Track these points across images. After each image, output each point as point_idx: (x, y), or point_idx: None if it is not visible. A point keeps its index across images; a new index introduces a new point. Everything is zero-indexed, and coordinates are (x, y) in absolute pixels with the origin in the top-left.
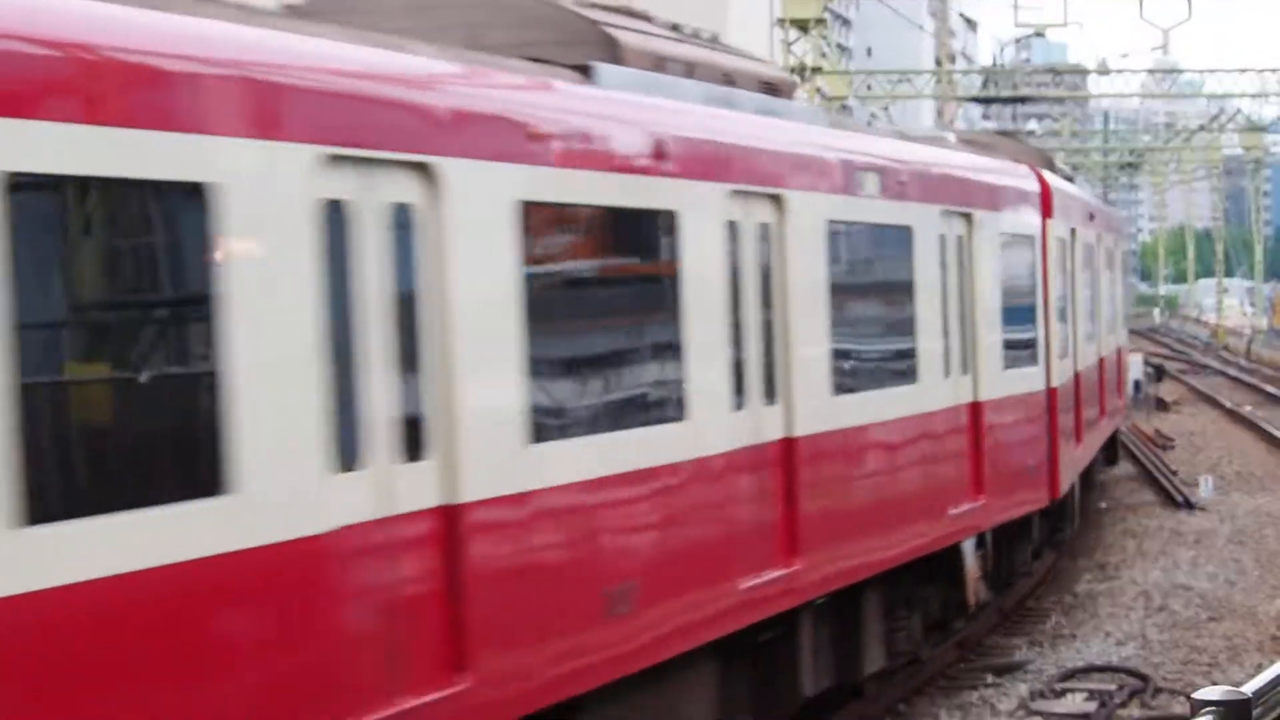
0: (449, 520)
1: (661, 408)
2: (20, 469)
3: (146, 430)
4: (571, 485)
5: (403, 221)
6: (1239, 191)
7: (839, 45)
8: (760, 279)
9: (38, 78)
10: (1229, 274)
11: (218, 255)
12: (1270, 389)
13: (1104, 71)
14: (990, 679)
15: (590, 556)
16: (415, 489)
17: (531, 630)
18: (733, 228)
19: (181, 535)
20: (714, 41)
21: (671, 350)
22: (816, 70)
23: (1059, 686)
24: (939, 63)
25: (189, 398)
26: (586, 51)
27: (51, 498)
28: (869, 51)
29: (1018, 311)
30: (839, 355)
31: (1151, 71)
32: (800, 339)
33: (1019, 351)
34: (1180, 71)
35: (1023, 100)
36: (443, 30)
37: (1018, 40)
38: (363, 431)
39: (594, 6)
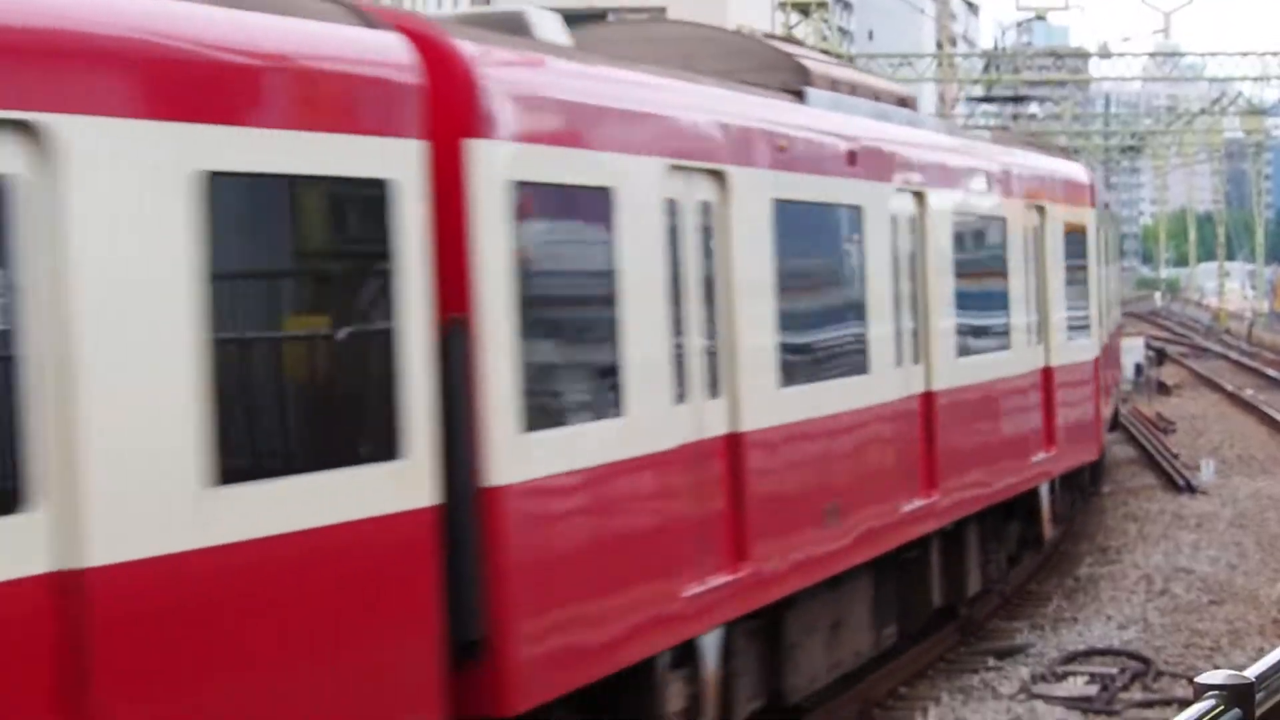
0: (734, 444)
1: (860, 360)
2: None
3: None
4: (805, 422)
5: (706, 215)
6: (1240, 174)
7: (840, 29)
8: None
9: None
10: (1230, 257)
11: (617, 239)
12: (1271, 372)
13: (1105, 55)
14: (991, 662)
15: (818, 478)
16: (715, 419)
17: (782, 532)
18: (896, 219)
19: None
20: (854, 64)
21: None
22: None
23: (1060, 670)
24: (940, 46)
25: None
26: (785, 78)
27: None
28: (870, 35)
29: (1073, 289)
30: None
31: (1153, 55)
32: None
33: (1075, 325)
34: (1182, 55)
35: (1018, 99)
36: (663, 59)
37: (1019, 23)
38: (687, 375)
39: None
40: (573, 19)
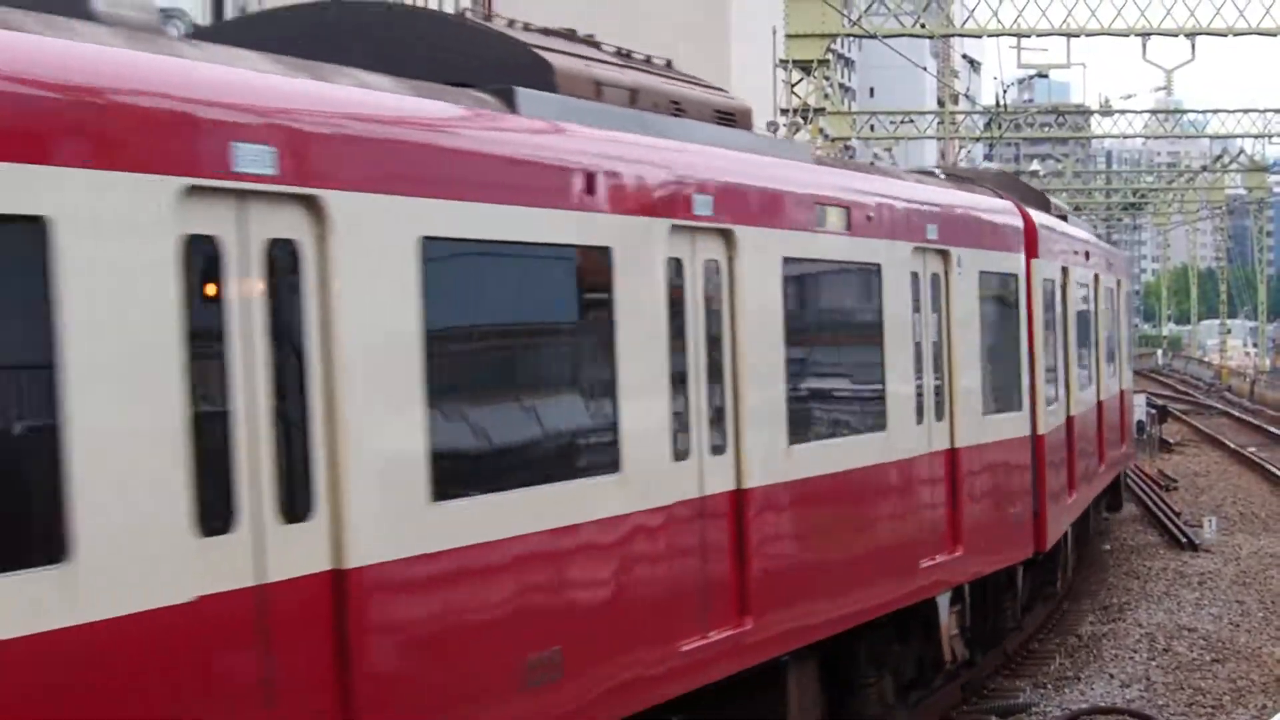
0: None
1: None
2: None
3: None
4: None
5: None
6: (1242, 231)
7: (842, 85)
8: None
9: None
10: (1232, 314)
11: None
12: (1274, 430)
13: (1107, 112)
14: None
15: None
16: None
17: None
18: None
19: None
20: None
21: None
22: (819, 111)
23: None
24: (941, 103)
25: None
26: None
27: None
28: (871, 92)
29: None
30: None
31: (1154, 112)
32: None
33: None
34: (1183, 112)
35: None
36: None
37: (1020, 81)
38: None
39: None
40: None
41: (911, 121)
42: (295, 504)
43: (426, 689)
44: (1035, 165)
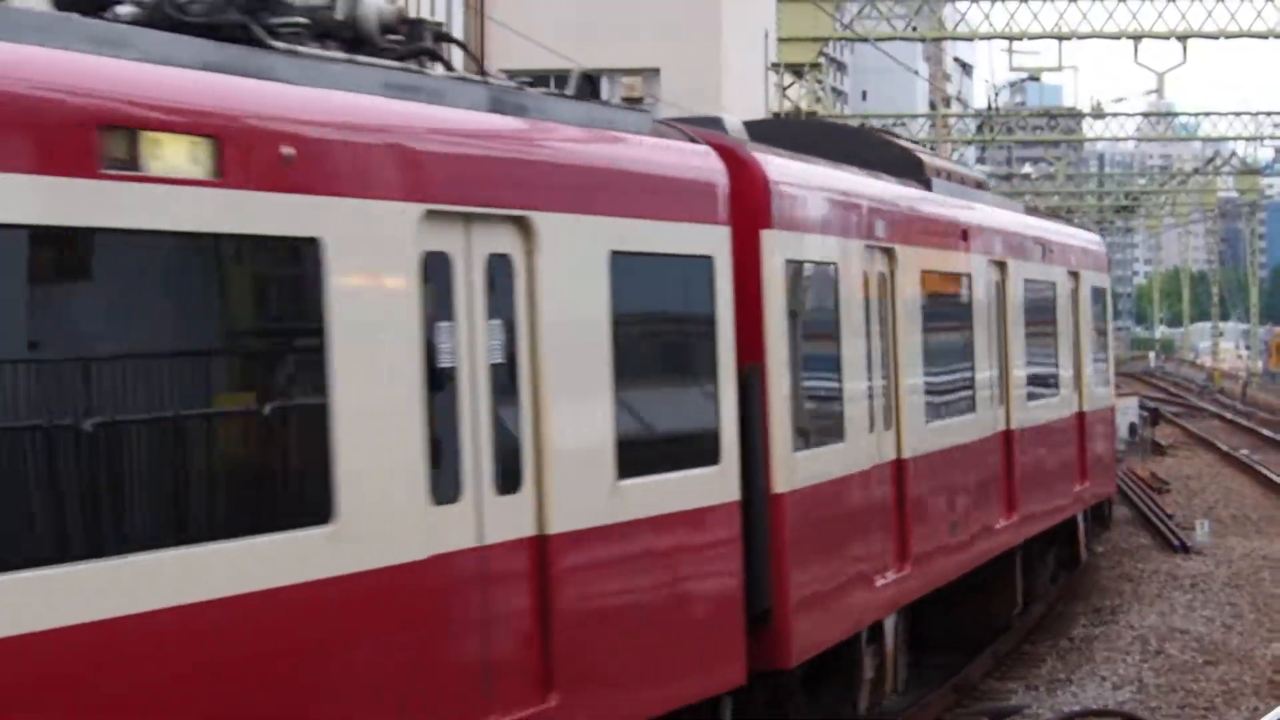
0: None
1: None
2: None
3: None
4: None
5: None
6: (1234, 234)
7: (834, 89)
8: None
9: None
10: (1225, 317)
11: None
12: (1266, 432)
13: (1099, 115)
14: None
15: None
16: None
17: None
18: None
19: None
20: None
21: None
22: (812, 114)
23: None
24: (934, 106)
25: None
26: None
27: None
28: (864, 95)
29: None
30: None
31: (1146, 115)
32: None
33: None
34: (1175, 115)
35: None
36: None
37: (1013, 84)
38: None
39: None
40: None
41: (904, 125)
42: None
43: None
44: (1027, 168)
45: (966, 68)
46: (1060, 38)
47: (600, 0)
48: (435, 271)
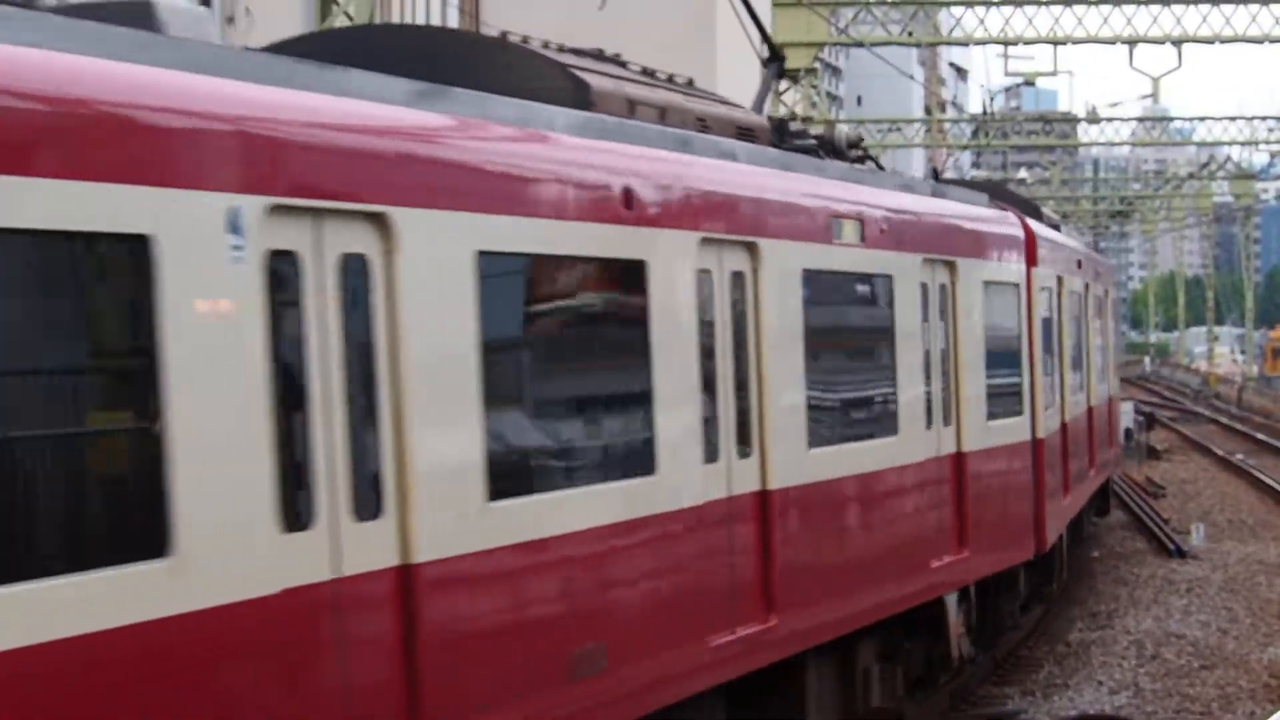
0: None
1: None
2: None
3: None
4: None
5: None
6: (1229, 238)
7: (829, 94)
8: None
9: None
10: (1220, 321)
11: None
12: (1261, 436)
13: (1094, 119)
14: None
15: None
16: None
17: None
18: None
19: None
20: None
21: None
22: (807, 119)
23: None
24: (929, 111)
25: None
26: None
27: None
28: (859, 100)
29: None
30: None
31: (1141, 119)
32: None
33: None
34: (1170, 119)
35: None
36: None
37: (1008, 89)
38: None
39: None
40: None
41: (899, 130)
42: None
43: None
44: (1023, 173)
45: (962, 73)
46: (1055, 42)
47: (593, 5)
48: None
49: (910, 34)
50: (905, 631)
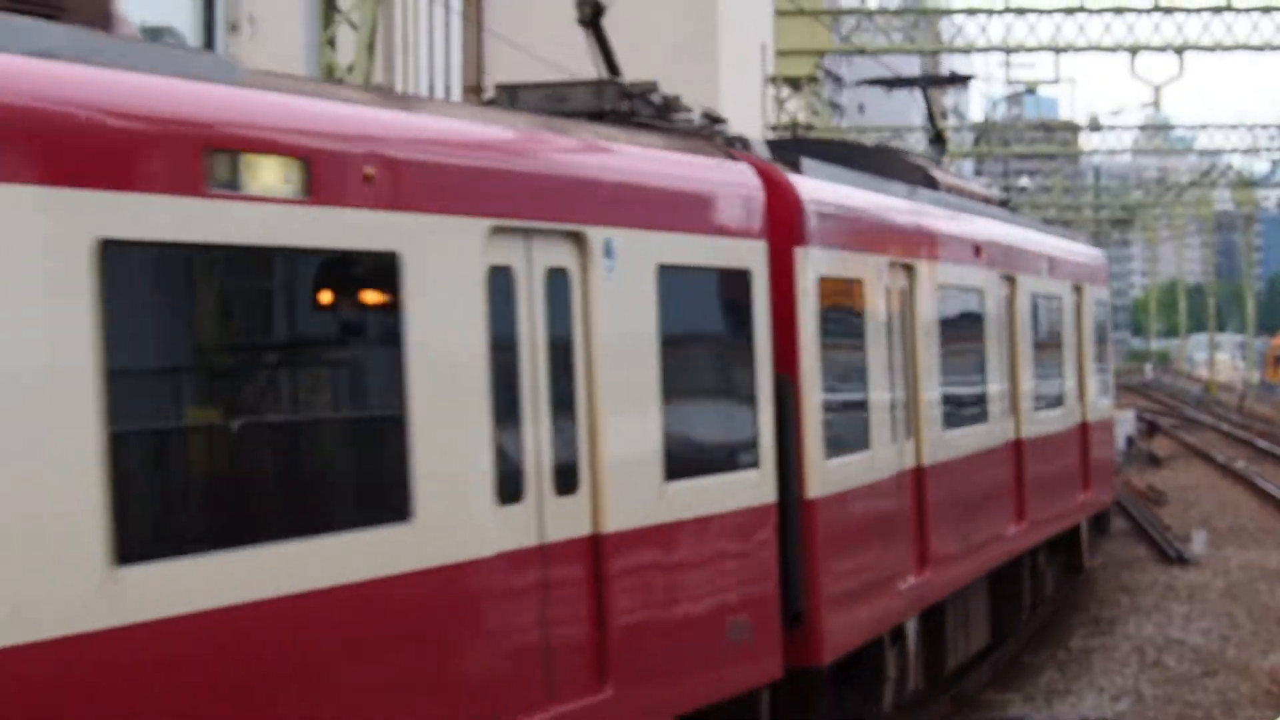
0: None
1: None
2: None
3: None
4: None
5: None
6: (1230, 246)
7: (831, 102)
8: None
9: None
10: (1221, 328)
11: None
12: (1263, 444)
13: (1095, 127)
14: None
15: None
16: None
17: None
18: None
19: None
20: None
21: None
22: (809, 127)
23: None
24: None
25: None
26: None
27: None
28: (860, 108)
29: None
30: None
31: (1143, 127)
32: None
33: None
34: (1172, 127)
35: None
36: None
37: (1009, 97)
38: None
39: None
40: None
41: (901, 138)
42: None
43: None
44: (1024, 180)
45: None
46: (1057, 50)
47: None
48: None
49: (912, 41)
50: None
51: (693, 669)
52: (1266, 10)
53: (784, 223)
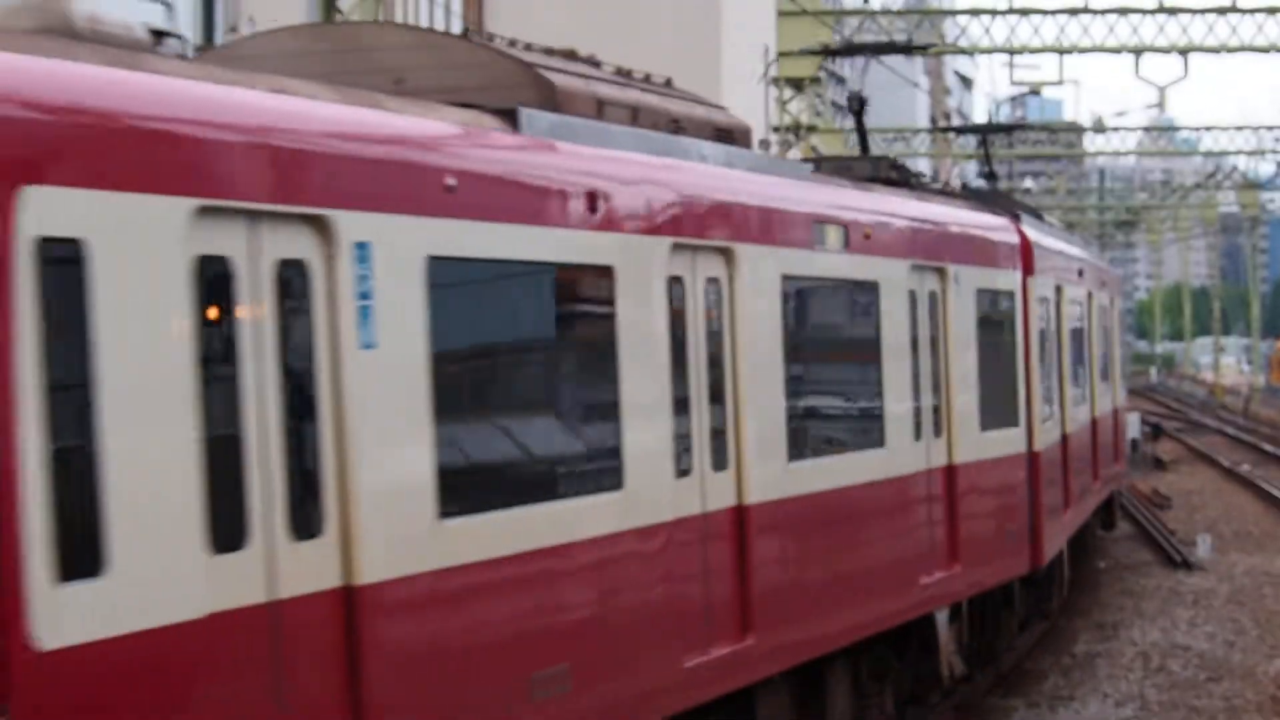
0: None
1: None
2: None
3: None
4: None
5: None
6: (1236, 248)
7: (834, 103)
8: None
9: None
10: (1226, 332)
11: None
12: (1268, 447)
13: (1100, 129)
14: None
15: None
16: None
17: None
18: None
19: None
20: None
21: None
22: (811, 129)
23: None
24: (934, 121)
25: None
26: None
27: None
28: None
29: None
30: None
31: (1148, 129)
32: None
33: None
34: (1176, 129)
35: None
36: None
37: (1013, 98)
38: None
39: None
40: None
41: (905, 139)
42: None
43: None
44: (1028, 183)
45: (967, 82)
46: (1061, 51)
47: (599, 13)
48: None
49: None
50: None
51: (996, 557)
52: (1272, 11)
53: (1024, 260)
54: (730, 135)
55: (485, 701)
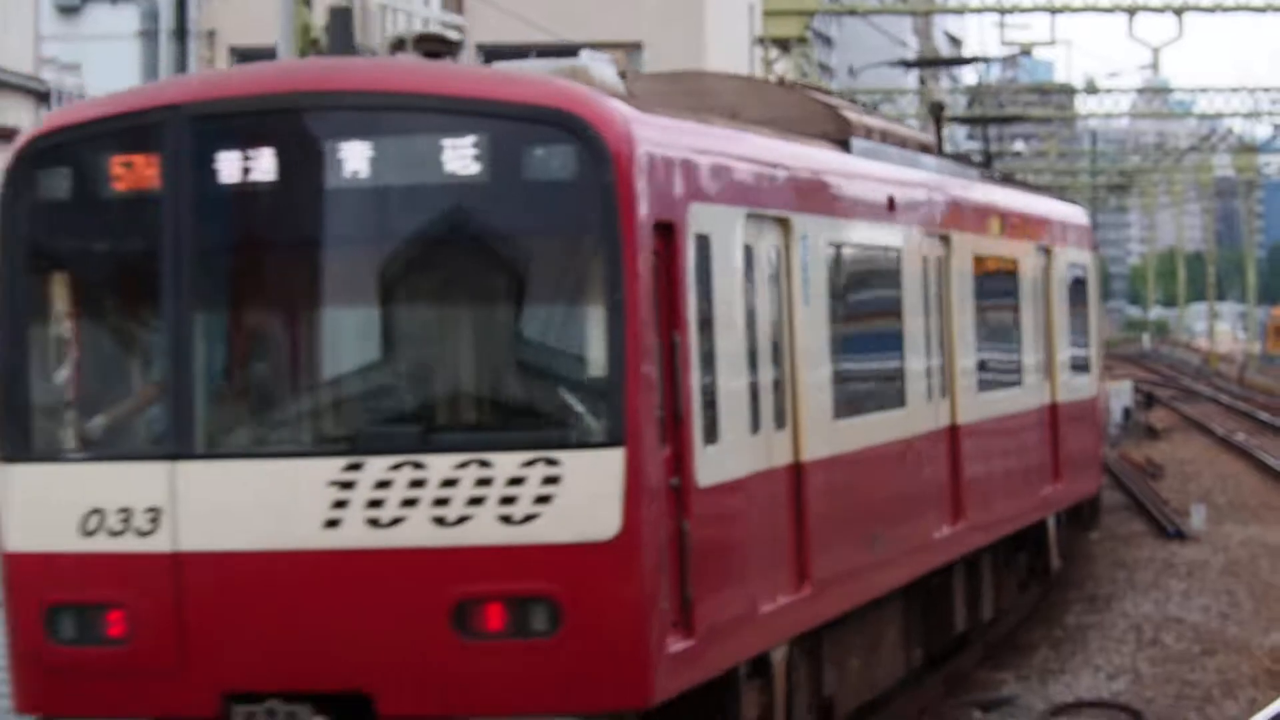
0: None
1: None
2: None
3: None
4: None
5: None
6: (1231, 213)
7: (821, 64)
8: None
9: None
10: (1221, 298)
11: None
12: (1263, 416)
13: (1092, 90)
14: (977, 715)
15: None
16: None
17: None
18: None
19: None
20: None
21: None
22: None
23: None
24: (923, 82)
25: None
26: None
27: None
28: (851, 70)
29: None
30: None
31: (1141, 91)
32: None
33: None
34: (1170, 90)
35: (1008, 120)
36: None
37: (1004, 59)
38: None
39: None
40: None
41: (892, 101)
42: None
43: None
44: (1019, 145)
45: (957, 42)
46: (1053, 11)
47: None
48: None
49: (904, 2)
50: None
51: (1079, 479)
52: None
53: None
54: (927, 149)
55: (858, 537)
